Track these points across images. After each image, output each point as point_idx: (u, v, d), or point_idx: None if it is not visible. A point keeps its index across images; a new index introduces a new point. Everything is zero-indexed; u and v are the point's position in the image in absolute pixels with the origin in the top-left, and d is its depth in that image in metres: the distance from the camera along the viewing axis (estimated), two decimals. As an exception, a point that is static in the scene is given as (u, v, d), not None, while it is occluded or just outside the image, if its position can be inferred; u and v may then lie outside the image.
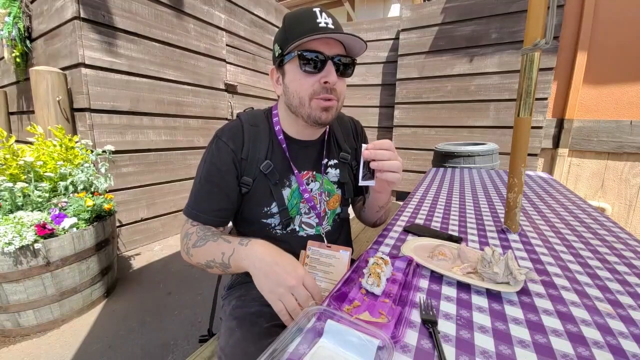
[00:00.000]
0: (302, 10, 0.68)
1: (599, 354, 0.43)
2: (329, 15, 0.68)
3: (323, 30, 0.64)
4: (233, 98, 3.11)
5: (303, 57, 0.65)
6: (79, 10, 1.92)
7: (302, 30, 0.65)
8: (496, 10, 3.02)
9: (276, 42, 0.72)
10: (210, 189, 0.74)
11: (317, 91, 0.68)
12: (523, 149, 0.85)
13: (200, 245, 0.68)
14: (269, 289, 0.56)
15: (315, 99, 0.68)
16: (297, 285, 0.55)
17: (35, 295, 1.44)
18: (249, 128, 0.76)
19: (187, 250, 0.71)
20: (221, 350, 0.69)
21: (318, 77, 0.67)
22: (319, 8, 0.67)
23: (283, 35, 0.69)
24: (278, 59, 0.71)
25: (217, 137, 0.76)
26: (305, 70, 0.67)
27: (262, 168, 0.75)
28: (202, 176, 0.75)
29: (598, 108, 2.75)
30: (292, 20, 0.68)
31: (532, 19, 0.76)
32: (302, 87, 0.68)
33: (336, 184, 0.86)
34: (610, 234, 0.89)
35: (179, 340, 1.49)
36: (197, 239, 0.70)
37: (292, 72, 0.69)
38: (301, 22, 0.66)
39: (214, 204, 0.74)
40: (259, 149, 0.76)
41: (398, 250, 0.77)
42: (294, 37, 0.65)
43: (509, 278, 0.57)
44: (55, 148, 1.72)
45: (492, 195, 1.36)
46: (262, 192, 0.77)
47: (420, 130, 3.61)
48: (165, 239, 2.66)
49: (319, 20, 0.65)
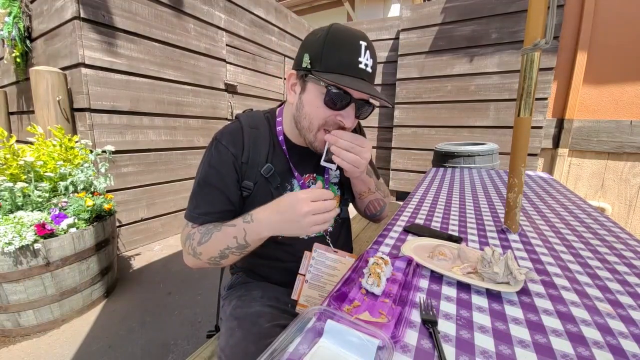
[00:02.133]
0: (349, 35, 0.63)
1: (599, 354, 0.43)
2: (372, 54, 0.65)
3: (360, 73, 0.63)
4: (233, 98, 3.11)
5: (330, 91, 0.63)
6: (79, 10, 1.91)
7: (341, 62, 0.62)
8: (496, 10, 3.02)
9: (308, 51, 0.65)
10: (211, 192, 0.73)
11: (329, 124, 0.68)
12: (523, 149, 0.85)
13: (207, 241, 0.68)
14: (297, 232, 0.61)
15: (324, 130, 0.69)
16: (311, 208, 0.58)
17: (35, 295, 1.44)
18: (249, 131, 0.75)
19: (193, 252, 0.70)
20: (221, 350, 0.69)
21: (336, 114, 0.67)
22: (366, 43, 0.63)
23: (319, 50, 0.63)
24: (303, 71, 0.66)
25: (216, 139, 0.74)
26: (327, 103, 0.65)
27: (263, 171, 0.74)
28: (201, 179, 0.74)
29: (598, 108, 2.75)
30: (335, 42, 0.63)
31: (532, 19, 0.76)
32: (317, 114, 0.67)
33: (337, 184, 0.86)
34: (610, 234, 0.89)
35: (179, 340, 1.49)
36: (200, 236, 0.69)
37: (313, 95, 0.66)
38: (343, 50, 0.62)
39: (215, 207, 0.73)
40: (260, 152, 0.75)
41: (398, 250, 0.77)
42: (329, 63, 0.62)
43: (509, 278, 0.57)
44: (55, 148, 1.72)
45: (492, 195, 1.36)
46: (263, 195, 0.76)
47: (420, 130, 3.61)
48: (165, 239, 2.66)
49: (360, 60, 0.62)
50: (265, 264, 0.84)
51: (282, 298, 0.79)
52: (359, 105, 0.67)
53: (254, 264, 0.86)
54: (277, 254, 0.81)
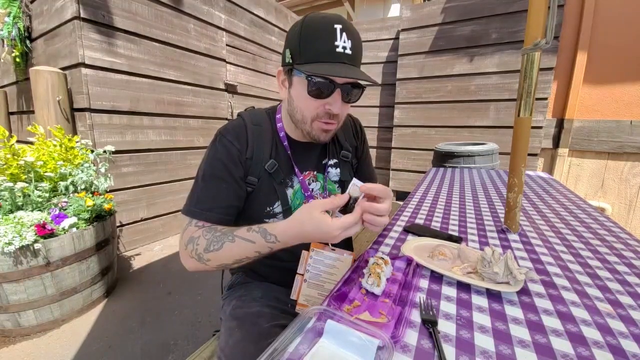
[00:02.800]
0: (322, 22, 0.62)
1: (599, 354, 0.43)
2: (350, 35, 0.62)
3: (339, 57, 0.61)
4: (233, 98, 3.11)
5: (311, 82, 0.63)
6: (79, 10, 1.91)
7: (317, 51, 0.61)
8: (496, 10, 3.02)
9: (288, 47, 0.66)
10: (217, 185, 0.70)
11: (320, 115, 0.68)
12: (523, 149, 0.85)
13: (217, 249, 0.63)
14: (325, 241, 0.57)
15: (317, 121, 0.69)
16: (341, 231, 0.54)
17: (35, 295, 1.44)
18: (253, 127, 0.75)
19: (197, 257, 0.65)
20: (221, 350, 0.69)
21: (323, 102, 0.66)
22: (340, 25, 0.61)
23: (297, 44, 0.64)
24: (288, 66, 0.67)
25: (221, 134, 0.74)
26: (311, 93, 0.65)
27: (267, 167, 0.74)
28: (206, 173, 0.71)
29: (598, 108, 2.75)
30: (310, 33, 0.62)
31: (532, 19, 0.76)
32: (306, 107, 0.68)
33: (337, 183, 0.86)
34: (610, 234, 0.89)
35: (179, 340, 1.49)
36: (207, 243, 0.64)
37: (299, 88, 0.67)
38: (318, 38, 0.61)
39: (221, 201, 0.70)
40: (263, 148, 0.75)
41: (398, 250, 0.77)
42: (307, 54, 0.62)
43: (509, 278, 0.57)
44: (55, 148, 1.72)
45: (492, 195, 1.35)
46: (266, 191, 0.76)
47: (420, 130, 3.61)
48: (165, 239, 2.66)
49: (337, 43, 0.61)
50: (265, 263, 0.84)
51: (282, 298, 0.79)
52: (346, 90, 0.66)
53: (254, 264, 0.86)
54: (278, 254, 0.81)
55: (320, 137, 0.72)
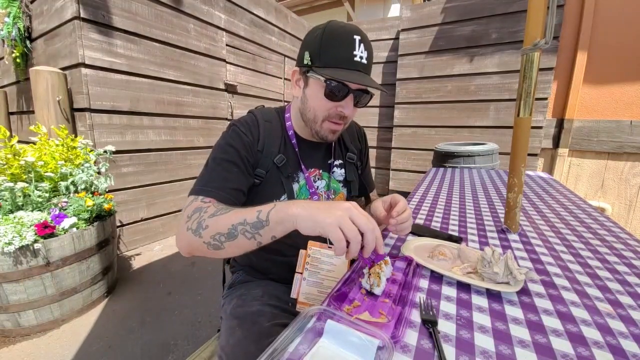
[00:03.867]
0: (343, 32, 0.68)
1: (599, 354, 0.43)
2: (367, 46, 0.69)
3: (355, 66, 0.68)
4: (233, 98, 3.11)
5: (329, 85, 0.69)
6: (79, 10, 1.91)
7: (337, 58, 0.67)
8: (496, 10, 3.01)
9: (307, 49, 0.71)
10: (228, 168, 0.70)
11: (332, 115, 0.73)
12: (523, 149, 0.85)
13: (222, 214, 0.59)
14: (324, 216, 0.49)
15: (328, 121, 0.74)
16: (354, 207, 0.50)
17: (35, 295, 1.44)
18: (264, 123, 0.78)
19: (197, 225, 0.59)
20: (221, 349, 0.69)
21: (336, 105, 0.72)
22: (359, 37, 0.68)
23: (317, 48, 0.69)
24: (305, 68, 0.72)
25: (234, 125, 0.76)
26: (327, 95, 0.70)
27: (276, 161, 0.77)
28: (217, 156, 0.71)
29: (598, 108, 2.75)
30: (331, 40, 0.68)
31: (532, 19, 0.76)
32: (320, 107, 0.73)
33: (341, 182, 0.89)
34: (610, 234, 0.89)
35: (179, 340, 1.49)
36: (216, 210, 0.60)
37: (315, 89, 0.72)
38: (339, 46, 0.67)
39: (232, 183, 0.69)
40: (273, 143, 0.78)
41: (398, 250, 0.77)
42: (326, 59, 0.68)
43: (509, 278, 0.57)
44: (57, 148, 1.72)
45: (492, 195, 1.36)
46: (274, 183, 0.78)
47: (420, 130, 3.61)
48: (165, 239, 2.66)
49: (355, 53, 0.67)
50: (265, 257, 0.84)
51: (282, 297, 0.79)
52: (357, 95, 0.72)
53: (255, 259, 0.87)
54: (279, 247, 0.81)
55: (328, 137, 0.77)
